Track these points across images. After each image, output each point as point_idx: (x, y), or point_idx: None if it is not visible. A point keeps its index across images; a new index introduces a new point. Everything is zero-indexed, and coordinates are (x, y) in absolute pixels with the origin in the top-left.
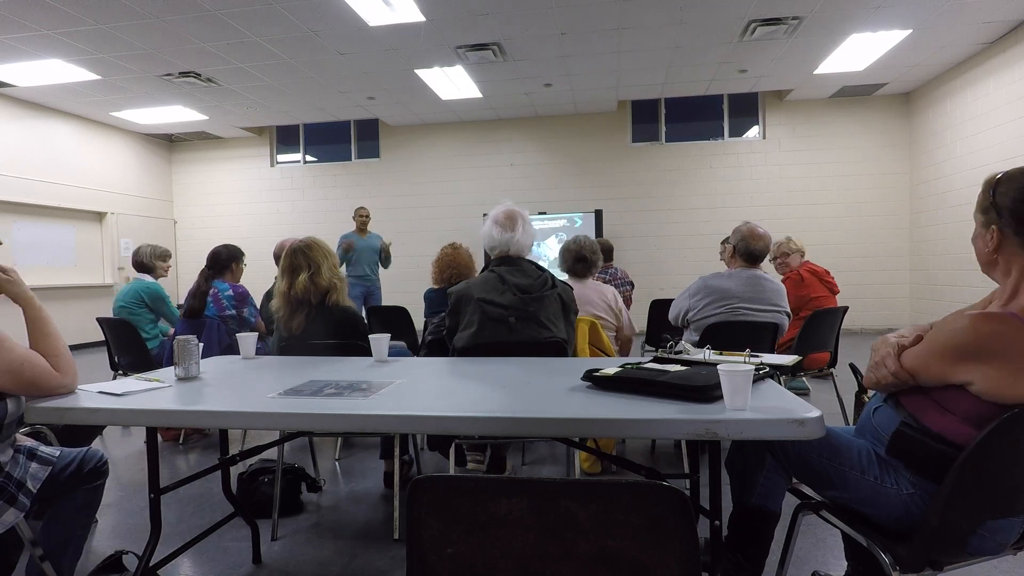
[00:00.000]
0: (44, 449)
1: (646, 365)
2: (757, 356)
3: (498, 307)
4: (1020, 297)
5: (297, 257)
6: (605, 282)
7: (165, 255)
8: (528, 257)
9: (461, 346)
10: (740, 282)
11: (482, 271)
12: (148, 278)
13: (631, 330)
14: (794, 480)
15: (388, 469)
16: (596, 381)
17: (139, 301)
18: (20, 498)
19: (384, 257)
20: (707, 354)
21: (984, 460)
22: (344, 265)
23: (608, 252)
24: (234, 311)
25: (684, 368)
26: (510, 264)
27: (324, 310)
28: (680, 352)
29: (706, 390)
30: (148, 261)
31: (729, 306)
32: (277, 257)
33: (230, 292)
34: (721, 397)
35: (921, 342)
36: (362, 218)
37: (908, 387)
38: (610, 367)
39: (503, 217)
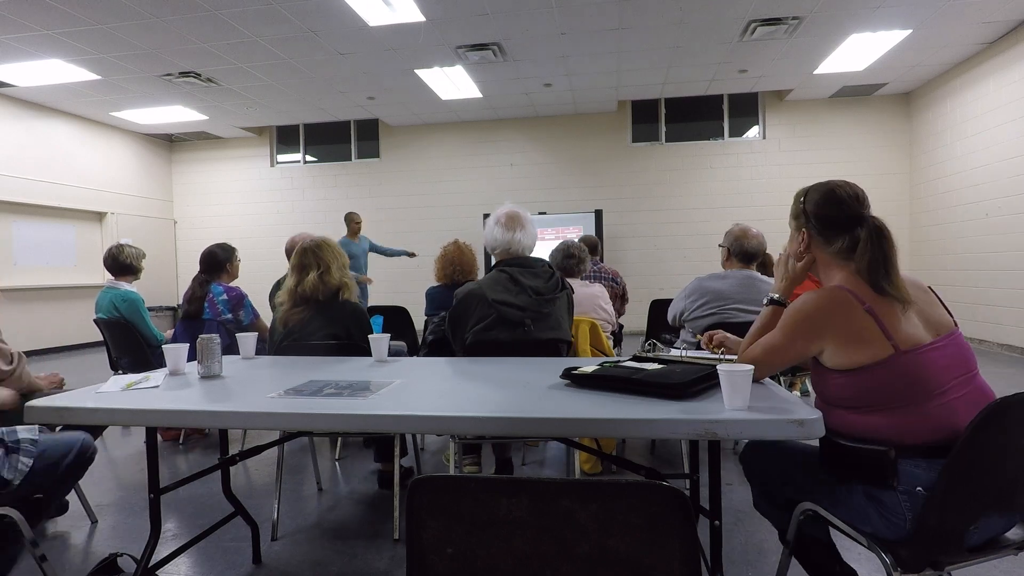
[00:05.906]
0: (25, 437)
1: (624, 364)
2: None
3: (516, 309)
4: (834, 278)
5: (307, 256)
6: (596, 274)
7: (143, 255)
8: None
9: (472, 342)
10: (733, 283)
11: (491, 270)
12: (125, 285)
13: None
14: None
15: (385, 469)
16: (574, 379)
17: (113, 314)
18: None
19: (387, 249)
20: (683, 353)
21: (973, 455)
22: None
23: (593, 247)
24: (231, 314)
25: (660, 367)
26: (521, 265)
27: (336, 306)
28: (675, 349)
29: (680, 387)
30: (135, 263)
31: (721, 307)
32: (289, 252)
33: (224, 296)
34: (698, 394)
35: (775, 327)
36: (356, 224)
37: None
38: (588, 366)
39: (504, 218)
